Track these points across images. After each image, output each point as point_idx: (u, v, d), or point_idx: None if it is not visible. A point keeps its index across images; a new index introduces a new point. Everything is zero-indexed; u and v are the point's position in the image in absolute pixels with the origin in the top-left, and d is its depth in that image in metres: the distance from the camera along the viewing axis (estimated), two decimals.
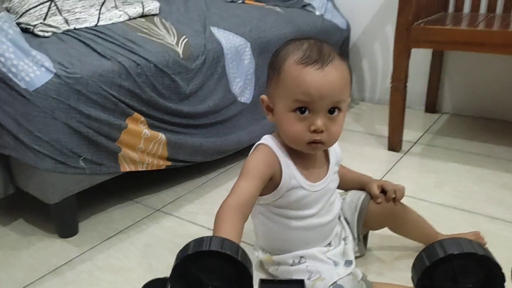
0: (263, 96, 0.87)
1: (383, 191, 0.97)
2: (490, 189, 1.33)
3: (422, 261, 0.55)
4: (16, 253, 1.08)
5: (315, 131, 0.79)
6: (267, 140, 0.87)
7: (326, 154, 0.93)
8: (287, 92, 0.80)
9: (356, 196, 0.99)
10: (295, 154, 0.86)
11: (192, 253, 0.55)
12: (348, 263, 0.89)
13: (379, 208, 0.97)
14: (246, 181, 0.81)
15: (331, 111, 0.80)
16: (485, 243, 1.02)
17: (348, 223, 0.98)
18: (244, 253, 0.57)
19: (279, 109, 0.83)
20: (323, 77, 0.77)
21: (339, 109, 0.81)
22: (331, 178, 0.91)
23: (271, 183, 0.85)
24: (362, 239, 1.00)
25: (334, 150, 0.94)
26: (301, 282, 0.59)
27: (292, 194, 0.86)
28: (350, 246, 0.94)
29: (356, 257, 0.97)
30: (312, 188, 0.87)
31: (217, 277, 0.56)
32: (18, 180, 1.13)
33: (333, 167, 0.92)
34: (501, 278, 0.55)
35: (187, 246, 0.57)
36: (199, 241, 0.56)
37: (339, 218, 0.98)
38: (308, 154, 0.87)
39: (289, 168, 0.85)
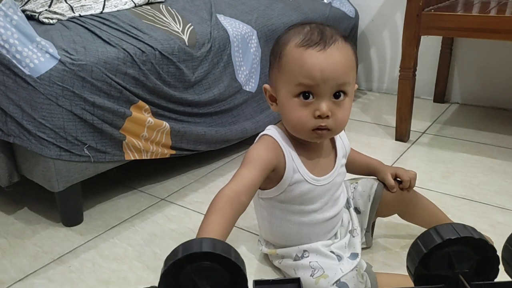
0: (266, 86, 0.85)
1: (396, 178, 0.96)
2: (500, 179, 1.31)
3: (419, 248, 0.54)
4: (21, 241, 1.08)
5: (320, 117, 0.76)
6: (272, 130, 0.85)
7: (334, 146, 0.90)
8: (290, 76, 0.77)
9: (368, 185, 0.96)
10: (301, 146, 0.84)
11: (181, 257, 0.52)
12: (354, 256, 0.87)
13: (392, 195, 0.95)
14: (247, 169, 0.78)
15: (336, 95, 0.77)
16: None
17: (359, 212, 0.96)
18: (236, 253, 0.55)
19: (282, 96, 0.80)
20: (325, 59, 0.74)
21: (345, 93, 0.78)
22: (338, 172, 0.88)
23: (275, 175, 0.83)
24: (370, 230, 0.99)
25: (342, 142, 0.91)
26: (297, 281, 0.58)
27: (296, 189, 0.83)
28: (358, 239, 0.91)
29: (362, 249, 0.95)
30: (317, 182, 0.84)
31: (210, 281, 0.54)
32: (23, 168, 1.12)
33: (340, 160, 0.89)
34: (496, 260, 0.54)
35: (176, 251, 0.54)
36: (188, 244, 0.54)
37: (348, 209, 0.96)
38: (314, 146, 0.84)
39: (293, 160, 0.82)
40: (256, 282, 0.56)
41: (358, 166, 1.00)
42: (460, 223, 0.55)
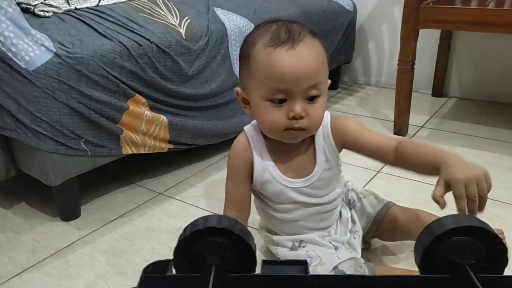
0: (237, 89, 0.83)
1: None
2: (498, 173, 1.31)
3: (426, 236, 0.54)
4: (18, 236, 1.08)
5: (294, 118, 0.74)
6: (249, 128, 0.85)
7: (313, 146, 0.84)
8: (260, 79, 0.75)
9: (373, 203, 0.94)
10: (275, 146, 0.82)
11: (202, 229, 0.54)
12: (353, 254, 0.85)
13: (394, 225, 0.92)
14: (232, 185, 0.85)
15: (311, 98, 0.74)
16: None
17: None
18: (250, 234, 0.56)
19: (254, 99, 0.78)
20: (295, 58, 0.71)
21: (318, 94, 0.75)
22: (319, 177, 0.83)
23: (251, 172, 0.84)
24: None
25: (324, 146, 0.84)
26: (304, 263, 0.58)
27: (268, 188, 0.83)
28: (358, 241, 0.89)
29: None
30: (290, 184, 0.82)
31: (221, 256, 0.55)
32: (19, 163, 1.12)
33: (322, 165, 0.83)
34: (505, 253, 0.54)
35: (195, 223, 0.56)
36: (208, 218, 0.56)
37: (350, 210, 0.94)
38: (290, 147, 0.81)
39: (262, 160, 0.82)
40: (265, 262, 0.56)
41: (415, 163, 0.79)
42: (469, 215, 0.55)
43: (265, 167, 0.82)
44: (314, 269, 0.79)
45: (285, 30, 0.74)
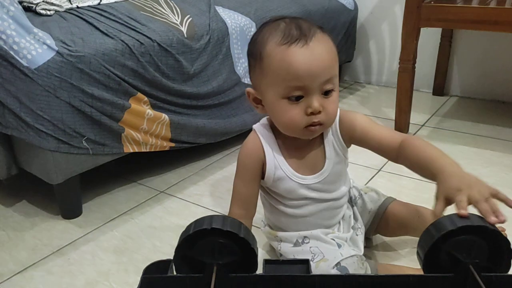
0: (249, 89, 0.82)
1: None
2: (500, 171, 1.31)
3: (430, 234, 0.54)
4: (20, 234, 1.08)
5: (312, 113, 0.74)
6: (258, 126, 0.85)
7: (322, 142, 0.85)
8: (276, 78, 0.74)
9: (374, 199, 0.95)
10: (287, 143, 0.83)
11: (193, 232, 0.54)
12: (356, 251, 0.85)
13: (395, 220, 0.93)
14: (240, 183, 0.85)
15: (326, 92, 0.75)
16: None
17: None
18: (246, 230, 0.56)
19: (269, 98, 0.77)
20: (310, 54, 0.72)
21: (333, 88, 0.76)
22: (330, 171, 0.84)
23: (262, 169, 0.84)
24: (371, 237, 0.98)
25: (333, 141, 0.84)
26: (306, 262, 0.58)
27: (280, 185, 0.83)
28: (361, 238, 0.90)
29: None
30: (302, 180, 0.83)
31: (221, 256, 0.55)
32: (21, 161, 1.12)
33: (333, 159, 0.84)
34: (509, 253, 0.54)
35: (189, 226, 0.56)
36: (201, 220, 0.56)
37: (352, 207, 0.94)
38: (301, 143, 0.82)
39: (274, 157, 0.82)
40: (267, 261, 0.57)
41: (414, 164, 0.77)
42: (474, 214, 0.55)
43: (277, 165, 0.82)
44: (317, 265, 0.79)
45: (295, 26, 0.74)
